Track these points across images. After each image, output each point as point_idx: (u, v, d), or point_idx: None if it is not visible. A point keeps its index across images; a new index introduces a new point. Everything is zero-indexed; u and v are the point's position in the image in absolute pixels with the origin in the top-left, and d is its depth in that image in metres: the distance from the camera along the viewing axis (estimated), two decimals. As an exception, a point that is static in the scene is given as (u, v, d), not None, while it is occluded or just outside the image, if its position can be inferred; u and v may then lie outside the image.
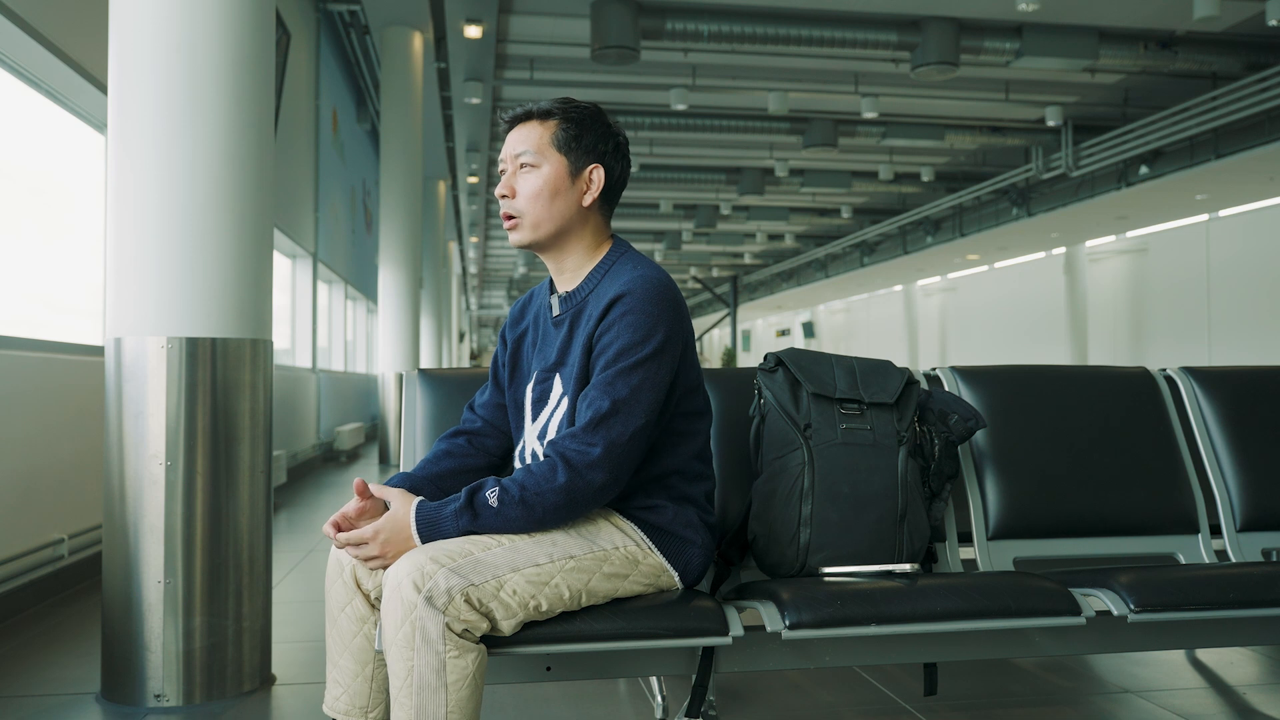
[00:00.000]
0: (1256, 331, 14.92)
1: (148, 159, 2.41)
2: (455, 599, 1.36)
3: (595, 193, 1.63)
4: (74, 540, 3.59)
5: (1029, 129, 14.33)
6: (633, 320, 1.52)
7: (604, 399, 1.49)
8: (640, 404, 1.51)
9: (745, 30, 9.89)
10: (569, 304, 1.65)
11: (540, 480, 1.47)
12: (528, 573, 1.43)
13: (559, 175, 1.61)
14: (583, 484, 1.47)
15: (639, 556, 1.56)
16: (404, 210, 9.43)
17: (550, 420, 1.62)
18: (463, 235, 22.09)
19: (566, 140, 1.62)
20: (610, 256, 1.65)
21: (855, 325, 30.53)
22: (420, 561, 1.37)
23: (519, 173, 1.63)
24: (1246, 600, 1.72)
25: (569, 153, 1.62)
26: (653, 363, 1.52)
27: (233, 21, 2.46)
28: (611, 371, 1.51)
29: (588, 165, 1.63)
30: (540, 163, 1.61)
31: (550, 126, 1.62)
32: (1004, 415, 2.10)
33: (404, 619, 1.35)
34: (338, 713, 1.59)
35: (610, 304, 1.54)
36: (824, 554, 1.73)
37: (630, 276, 1.57)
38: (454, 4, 9.17)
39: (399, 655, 1.36)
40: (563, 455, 1.48)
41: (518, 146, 1.63)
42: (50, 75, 3.87)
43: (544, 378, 1.64)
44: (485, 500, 1.46)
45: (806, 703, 2.40)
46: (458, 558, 1.39)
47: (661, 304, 1.55)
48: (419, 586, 1.35)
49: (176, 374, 2.38)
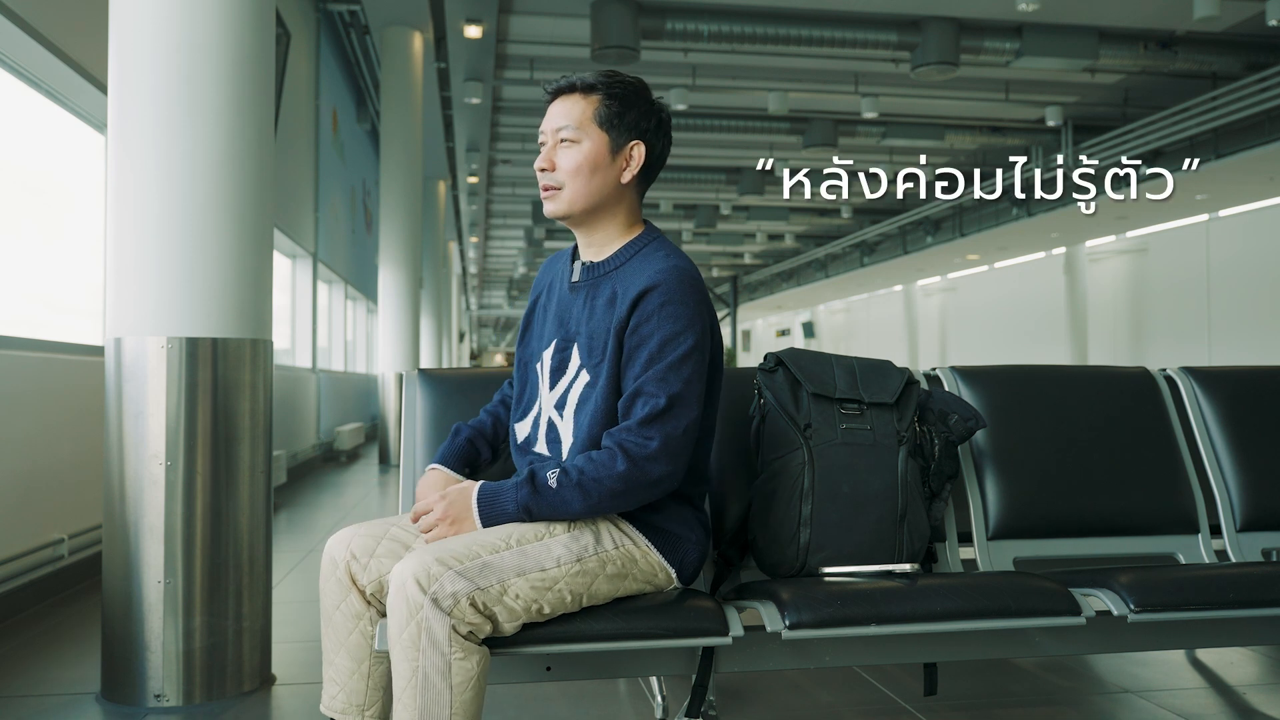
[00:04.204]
0: (1256, 331, 14.91)
1: (148, 159, 2.41)
2: (461, 602, 1.36)
3: (634, 170, 1.62)
4: (74, 540, 3.59)
5: (1029, 129, 14.33)
6: (673, 311, 1.53)
7: (660, 395, 1.50)
8: (692, 396, 1.53)
9: (745, 30, 9.90)
10: (590, 274, 1.64)
11: (599, 467, 1.49)
12: (533, 577, 1.43)
13: (599, 151, 1.60)
14: (640, 474, 1.49)
15: (636, 555, 1.56)
16: (404, 210, 9.43)
17: (569, 392, 1.61)
18: (463, 235, 22.09)
19: (609, 116, 1.60)
20: (643, 239, 1.65)
21: (855, 325, 30.52)
22: (427, 562, 1.37)
23: (559, 146, 1.61)
24: (1246, 600, 1.72)
25: (610, 129, 1.60)
26: (697, 354, 1.54)
27: (233, 21, 2.45)
28: (662, 366, 1.51)
29: (629, 142, 1.61)
30: (581, 138, 1.60)
31: (593, 101, 1.61)
32: (1004, 415, 2.10)
33: (409, 618, 1.35)
34: (335, 711, 1.59)
35: (644, 292, 1.54)
36: (824, 554, 1.73)
37: (665, 266, 1.56)
38: (454, 4, 9.17)
39: (404, 655, 1.36)
40: (621, 447, 1.49)
41: (559, 120, 1.61)
42: (50, 75, 3.87)
43: (563, 345, 1.64)
44: (545, 479, 1.49)
45: (806, 703, 2.40)
46: (465, 560, 1.39)
47: (698, 295, 1.57)
48: (424, 587, 1.35)
49: (176, 374, 2.38)
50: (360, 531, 1.59)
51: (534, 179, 1.68)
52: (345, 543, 1.58)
